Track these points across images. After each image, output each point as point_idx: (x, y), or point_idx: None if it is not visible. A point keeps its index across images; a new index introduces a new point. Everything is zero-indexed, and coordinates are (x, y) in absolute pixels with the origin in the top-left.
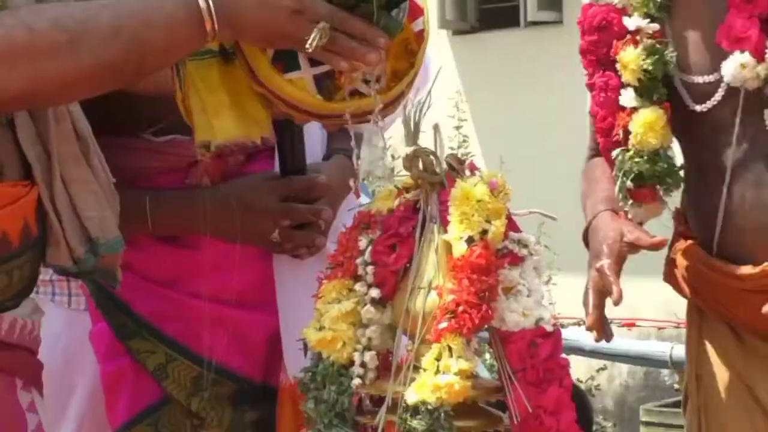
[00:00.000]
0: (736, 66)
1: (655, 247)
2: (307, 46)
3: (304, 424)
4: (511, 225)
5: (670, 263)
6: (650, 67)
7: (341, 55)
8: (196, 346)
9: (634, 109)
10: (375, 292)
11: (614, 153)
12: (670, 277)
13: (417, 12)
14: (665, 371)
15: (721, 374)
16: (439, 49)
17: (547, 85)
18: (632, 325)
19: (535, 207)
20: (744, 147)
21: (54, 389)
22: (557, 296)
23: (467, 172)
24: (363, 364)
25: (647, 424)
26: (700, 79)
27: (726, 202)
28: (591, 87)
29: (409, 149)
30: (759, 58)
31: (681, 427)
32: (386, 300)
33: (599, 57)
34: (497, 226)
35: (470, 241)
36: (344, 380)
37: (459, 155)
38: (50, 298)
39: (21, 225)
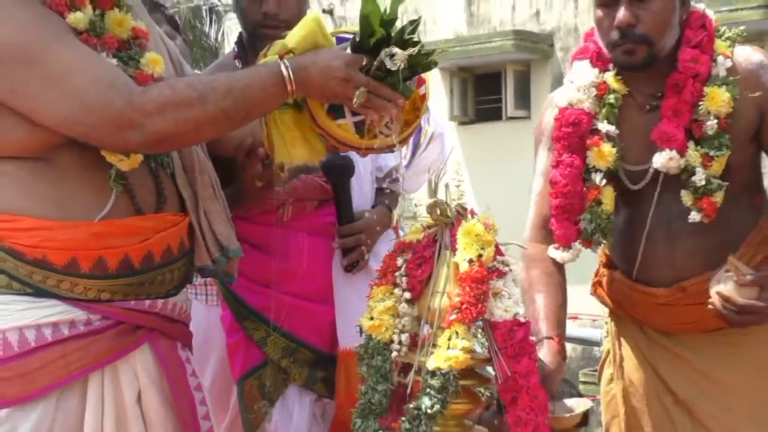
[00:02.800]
0: (666, 159)
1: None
2: (354, 102)
3: (360, 381)
4: (498, 251)
5: (596, 284)
6: (614, 159)
7: (374, 109)
8: (286, 327)
9: (598, 187)
10: (407, 295)
11: (584, 216)
12: (595, 293)
13: (421, 82)
14: (597, 348)
15: (634, 359)
16: (449, 135)
17: (520, 161)
18: (576, 318)
19: (512, 240)
20: (659, 211)
21: (196, 358)
22: None
23: (469, 216)
24: (399, 342)
25: (584, 383)
26: (635, 168)
27: (644, 247)
28: (558, 163)
29: (431, 200)
30: (681, 154)
31: None
32: (415, 300)
33: (570, 143)
34: (489, 252)
35: (471, 261)
36: (386, 353)
37: (462, 204)
38: (194, 297)
39: (179, 241)
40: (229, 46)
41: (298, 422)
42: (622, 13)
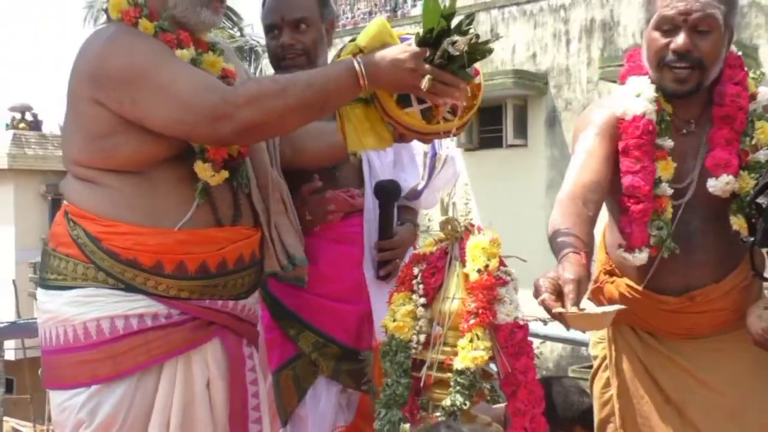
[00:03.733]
0: (724, 183)
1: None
2: (423, 87)
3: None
4: (501, 262)
5: (595, 290)
6: (673, 173)
7: (439, 94)
8: (316, 324)
9: (667, 197)
10: (422, 300)
11: (656, 224)
12: (595, 298)
13: (476, 73)
14: (584, 348)
15: (629, 361)
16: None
17: (518, 182)
18: None
19: (511, 253)
20: (679, 227)
21: None
22: (523, 303)
23: (476, 232)
24: (417, 342)
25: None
26: (677, 185)
27: (661, 258)
28: (641, 169)
29: (443, 217)
30: (736, 177)
31: None
32: (428, 304)
33: (648, 152)
34: (493, 263)
35: (479, 271)
36: (408, 350)
37: (469, 221)
38: None
39: (250, 251)
40: None
41: (325, 409)
42: (682, 39)
